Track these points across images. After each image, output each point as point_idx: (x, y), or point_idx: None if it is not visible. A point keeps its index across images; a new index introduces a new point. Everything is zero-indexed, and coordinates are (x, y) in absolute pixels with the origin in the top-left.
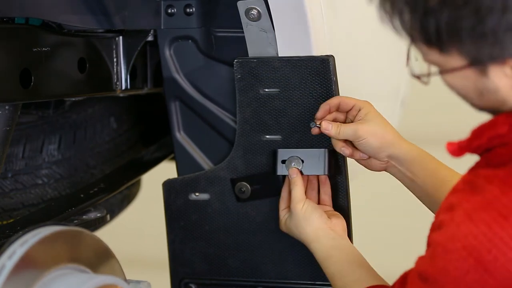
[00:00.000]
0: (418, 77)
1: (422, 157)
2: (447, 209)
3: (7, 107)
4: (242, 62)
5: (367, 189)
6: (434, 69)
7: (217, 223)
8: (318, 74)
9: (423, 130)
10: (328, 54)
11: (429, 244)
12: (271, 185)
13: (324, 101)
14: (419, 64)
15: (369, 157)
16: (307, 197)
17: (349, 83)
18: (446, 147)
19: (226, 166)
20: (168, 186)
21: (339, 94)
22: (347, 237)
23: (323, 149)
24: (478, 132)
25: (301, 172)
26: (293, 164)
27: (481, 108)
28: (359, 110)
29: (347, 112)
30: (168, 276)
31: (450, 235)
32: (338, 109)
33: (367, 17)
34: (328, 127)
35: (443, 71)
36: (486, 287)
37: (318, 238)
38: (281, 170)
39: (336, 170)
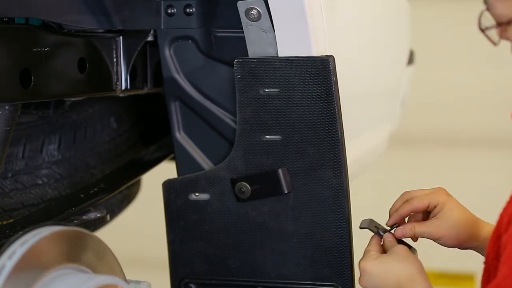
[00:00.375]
0: (483, 30)
1: None
2: None
3: (7, 107)
4: (242, 62)
5: (367, 189)
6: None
7: (217, 223)
8: (318, 75)
9: (423, 130)
10: (328, 54)
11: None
12: (271, 185)
13: (323, 101)
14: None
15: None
16: None
17: (349, 84)
18: None
19: (226, 166)
20: (168, 186)
21: (339, 95)
22: None
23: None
24: None
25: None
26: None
27: None
28: (434, 206)
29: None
30: (168, 276)
31: None
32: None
33: (367, 17)
34: (404, 232)
35: (509, 22)
36: None
37: (423, 273)
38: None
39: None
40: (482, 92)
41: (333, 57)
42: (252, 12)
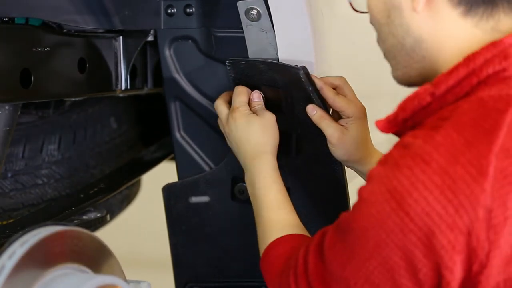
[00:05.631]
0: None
1: None
2: (379, 163)
3: (7, 107)
4: (233, 63)
5: None
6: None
7: (218, 225)
8: (296, 82)
9: None
10: (307, 62)
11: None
12: None
13: (309, 103)
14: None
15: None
16: None
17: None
18: (376, 124)
19: (224, 166)
20: (168, 191)
21: (323, 97)
22: None
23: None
24: (403, 105)
25: None
26: None
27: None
28: (347, 117)
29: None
30: (169, 276)
31: (377, 181)
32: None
33: (367, 17)
34: (313, 112)
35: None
36: (406, 231)
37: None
38: None
39: None
40: None
41: (305, 67)
42: (252, 12)
